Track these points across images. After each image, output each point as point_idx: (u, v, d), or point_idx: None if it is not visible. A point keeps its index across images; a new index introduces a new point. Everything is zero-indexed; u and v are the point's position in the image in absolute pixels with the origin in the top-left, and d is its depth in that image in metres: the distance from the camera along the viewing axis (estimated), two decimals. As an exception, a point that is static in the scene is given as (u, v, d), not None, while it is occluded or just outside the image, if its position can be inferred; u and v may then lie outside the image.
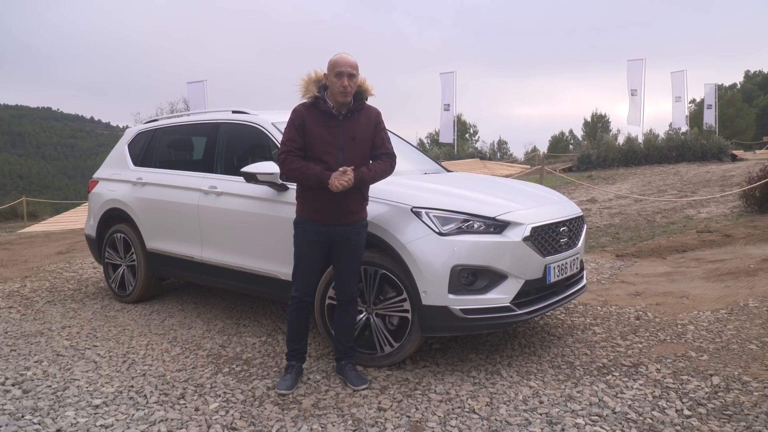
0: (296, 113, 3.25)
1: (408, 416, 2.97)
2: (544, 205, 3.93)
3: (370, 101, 3.41)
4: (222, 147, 4.65)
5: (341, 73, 3.12)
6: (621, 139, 22.64)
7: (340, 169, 3.10)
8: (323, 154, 3.18)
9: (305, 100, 3.27)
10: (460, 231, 3.37)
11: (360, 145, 3.25)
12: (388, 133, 3.56)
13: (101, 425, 2.91)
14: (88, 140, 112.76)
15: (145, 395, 3.27)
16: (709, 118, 26.73)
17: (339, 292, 3.39)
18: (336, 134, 3.20)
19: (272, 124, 4.29)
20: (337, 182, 3.07)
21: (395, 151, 3.46)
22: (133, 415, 3.02)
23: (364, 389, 3.28)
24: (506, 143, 50.28)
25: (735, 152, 21.19)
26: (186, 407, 3.12)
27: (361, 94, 3.29)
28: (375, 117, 3.35)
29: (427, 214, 3.40)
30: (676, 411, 2.97)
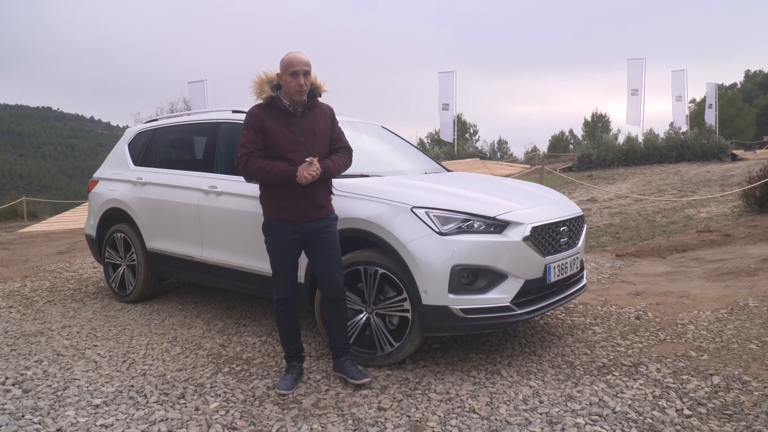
0: (252, 115, 3.27)
1: (408, 416, 2.97)
2: (544, 204, 3.93)
3: (324, 98, 3.46)
4: (222, 147, 4.65)
5: (296, 72, 3.16)
6: (621, 139, 22.65)
7: (307, 159, 3.13)
8: (287, 151, 3.21)
9: (260, 101, 3.30)
10: (460, 231, 3.37)
11: (320, 140, 3.31)
12: (387, 134, 3.56)
13: (101, 425, 2.91)
14: (88, 140, 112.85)
15: (145, 395, 3.27)
16: (710, 117, 26.71)
17: (326, 290, 3.37)
18: (297, 131, 3.24)
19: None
20: (305, 173, 3.09)
21: (396, 151, 3.47)
22: (134, 414, 3.02)
23: (365, 382, 3.28)
24: (506, 143, 50.36)
25: (735, 152, 21.19)
26: (186, 407, 3.12)
27: (314, 91, 3.33)
28: (329, 113, 3.43)
29: (427, 213, 3.40)
30: (676, 411, 2.97)
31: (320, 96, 3.40)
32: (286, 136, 3.22)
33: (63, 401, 3.19)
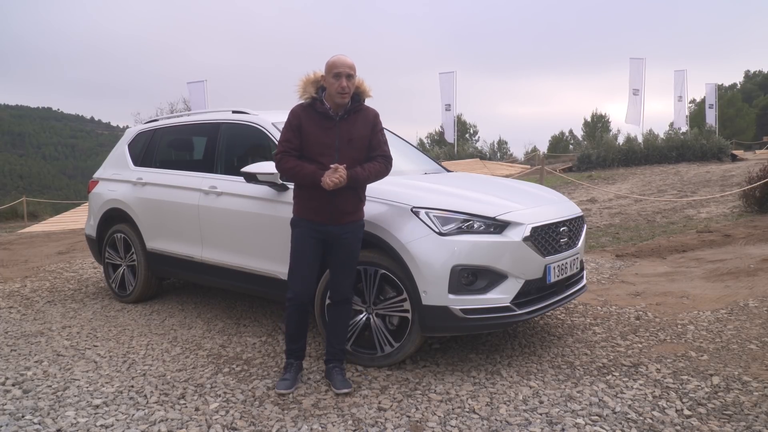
0: (293, 114, 3.26)
1: (408, 416, 2.97)
2: (544, 205, 3.93)
3: (368, 102, 3.40)
4: (222, 147, 4.66)
5: (339, 74, 3.13)
6: (621, 139, 22.65)
7: (332, 166, 3.10)
8: (319, 155, 3.18)
9: (303, 101, 3.28)
10: (460, 231, 3.37)
11: (356, 147, 3.24)
12: (386, 134, 3.54)
13: (101, 425, 2.91)
14: (88, 140, 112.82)
15: (145, 395, 3.27)
16: (710, 118, 26.71)
17: (333, 291, 3.38)
18: (333, 136, 3.20)
19: (272, 124, 4.30)
20: (328, 179, 3.07)
21: (395, 151, 3.46)
22: (134, 415, 3.02)
23: (345, 392, 3.23)
24: (506, 143, 50.22)
25: (735, 152, 21.18)
26: (186, 407, 3.12)
27: (359, 95, 3.29)
28: (373, 118, 3.34)
29: (427, 214, 3.40)
30: (676, 411, 2.97)
31: (365, 100, 3.34)
32: (321, 140, 3.19)
33: (63, 401, 3.19)
